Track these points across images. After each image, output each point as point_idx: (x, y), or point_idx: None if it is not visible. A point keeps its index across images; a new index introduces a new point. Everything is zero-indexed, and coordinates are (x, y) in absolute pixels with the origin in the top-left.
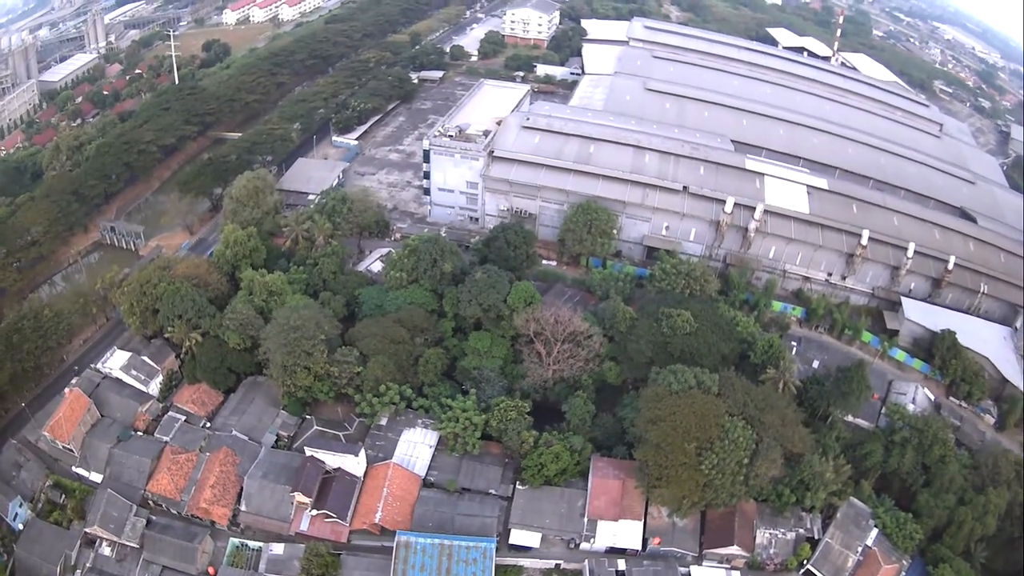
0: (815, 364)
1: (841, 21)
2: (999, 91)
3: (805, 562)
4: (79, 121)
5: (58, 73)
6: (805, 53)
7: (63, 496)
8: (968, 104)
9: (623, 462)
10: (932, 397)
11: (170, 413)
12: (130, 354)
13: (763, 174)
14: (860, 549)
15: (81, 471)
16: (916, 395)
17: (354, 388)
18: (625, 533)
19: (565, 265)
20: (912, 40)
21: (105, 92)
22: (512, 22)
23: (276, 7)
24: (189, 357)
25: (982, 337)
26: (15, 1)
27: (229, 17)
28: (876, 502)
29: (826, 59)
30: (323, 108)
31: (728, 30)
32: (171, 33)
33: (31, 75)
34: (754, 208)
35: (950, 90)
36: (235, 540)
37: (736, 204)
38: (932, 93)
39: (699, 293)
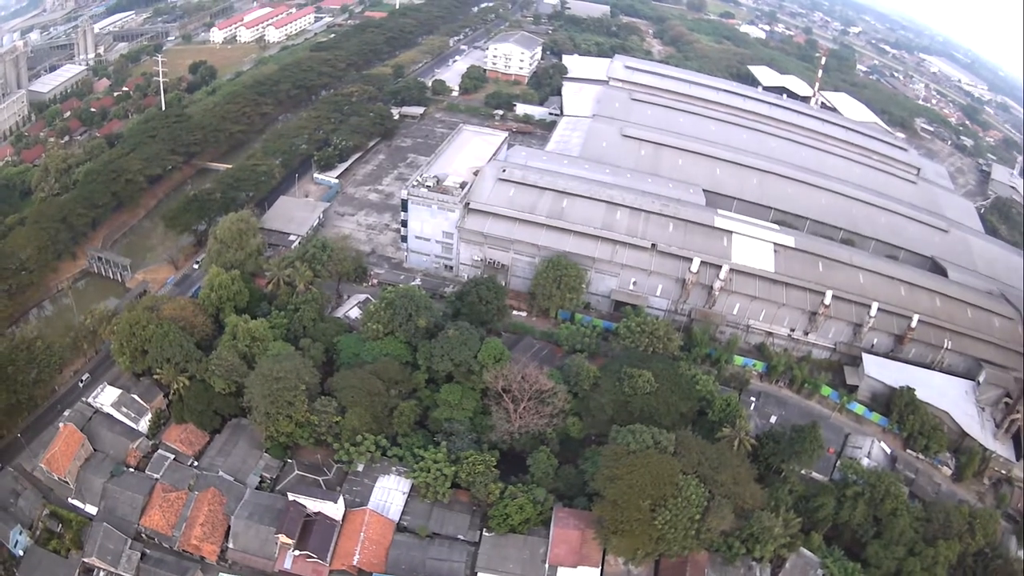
0: (773, 419)
1: (823, 62)
2: (983, 127)
3: None
4: (67, 139)
5: (47, 84)
6: (785, 95)
7: (60, 526)
8: (949, 142)
9: (583, 512)
10: (888, 450)
11: (159, 451)
12: (120, 391)
13: (731, 232)
14: None
15: (76, 503)
16: (872, 449)
17: (333, 436)
18: None
19: (535, 317)
20: (896, 75)
21: (93, 109)
22: (494, 57)
23: (263, 27)
24: (177, 398)
25: (943, 392)
26: (5, 0)
27: (216, 35)
28: (826, 552)
29: (806, 99)
30: (305, 144)
31: (710, 67)
32: (159, 58)
33: (21, 84)
34: (720, 267)
35: (931, 128)
36: (224, 575)
37: (702, 263)
38: (913, 132)
39: (662, 351)
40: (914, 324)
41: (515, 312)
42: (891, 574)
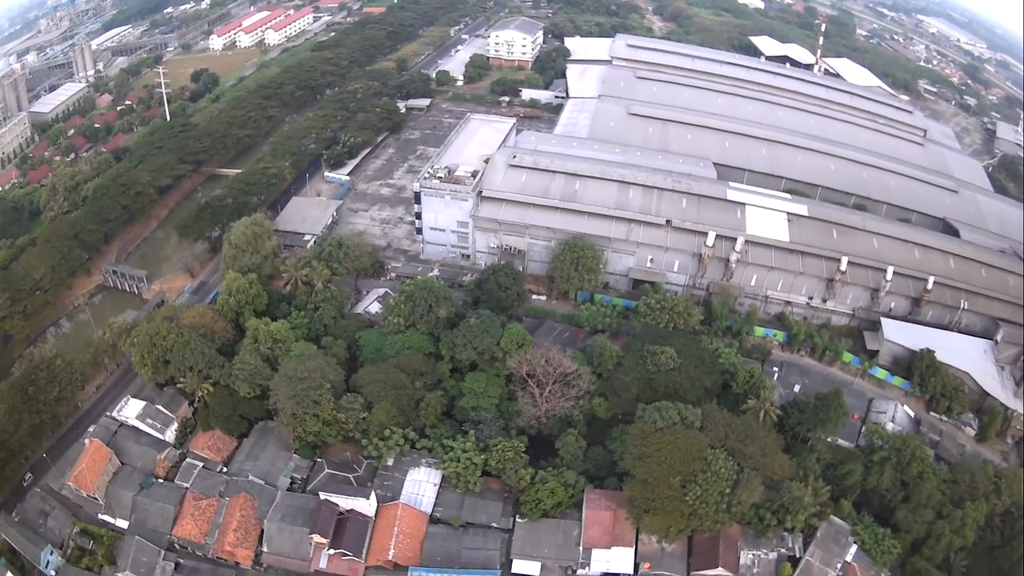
0: (796, 388)
1: (823, 28)
2: (985, 85)
3: None
4: (72, 156)
5: (48, 104)
6: (788, 64)
7: (91, 542)
8: (953, 102)
9: (614, 493)
10: (912, 413)
11: (188, 460)
12: (144, 403)
13: (744, 204)
14: (839, 565)
15: (107, 518)
16: (896, 413)
17: (361, 432)
18: (618, 559)
19: (555, 300)
20: (896, 38)
21: (97, 125)
22: (496, 44)
23: (262, 31)
24: (202, 405)
25: (962, 352)
26: (0, 22)
27: (216, 43)
28: (856, 519)
29: (809, 67)
30: (313, 144)
31: (711, 40)
32: (160, 70)
33: (21, 106)
34: (735, 239)
35: (935, 89)
36: None
37: (718, 236)
38: (917, 94)
39: (683, 326)
40: (930, 286)
41: (534, 296)
42: (921, 537)
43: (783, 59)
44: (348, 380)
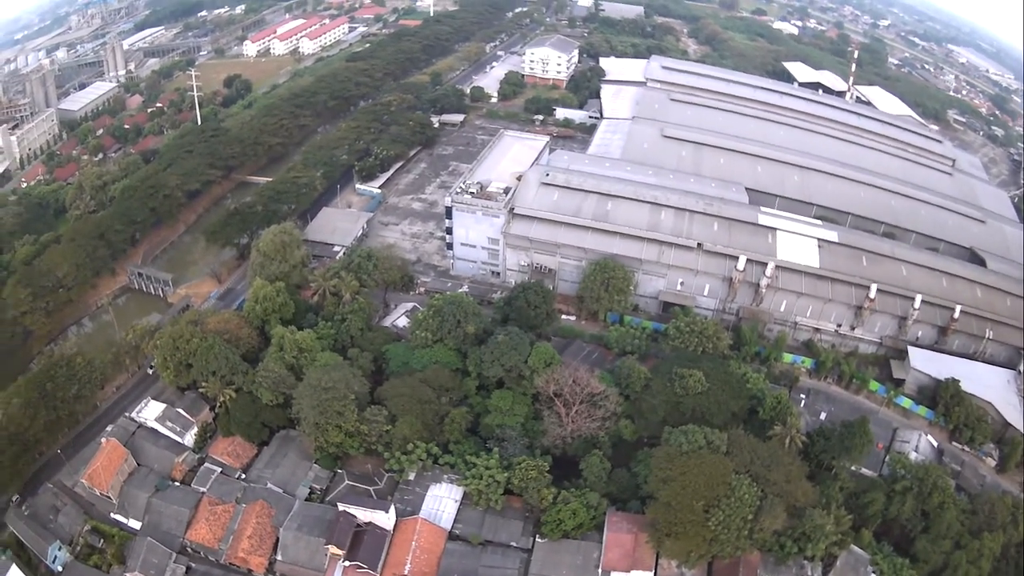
0: (822, 416)
1: (856, 56)
2: (1012, 116)
3: None
4: (100, 156)
5: (78, 101)
6: (820, 90)
7: (101, 541)
8: (981, 132)
9: (636, 516)
10: (935, 443)
11: (206, 464)
12: (164, 406)
13: (775, 229)
14: None
15: (119, 518)
16: (919, 443)
17: (383, 445)
18: None
19: (584, 320)
20: (927, 67)
21: (126, 126)
22: (531, 62)
23: (296, 40)
24: (223, 411)
25: (985, 383)
26: (30, 17)
27: (250, 49)
28: (876, 548)
29: (841, 94)
30: (346, 155)
31: (745, 65)
32: (192, 72)
33: (50, 103)
34: (766, 264)
35: (963, 119)
36: None
37: (748, 261)
38: (946, 123)
39: (711, 350)
40: (957, 315)
41: (564, 316)
42: (938, 568)
43: (816, 85)
44: (373, 392)
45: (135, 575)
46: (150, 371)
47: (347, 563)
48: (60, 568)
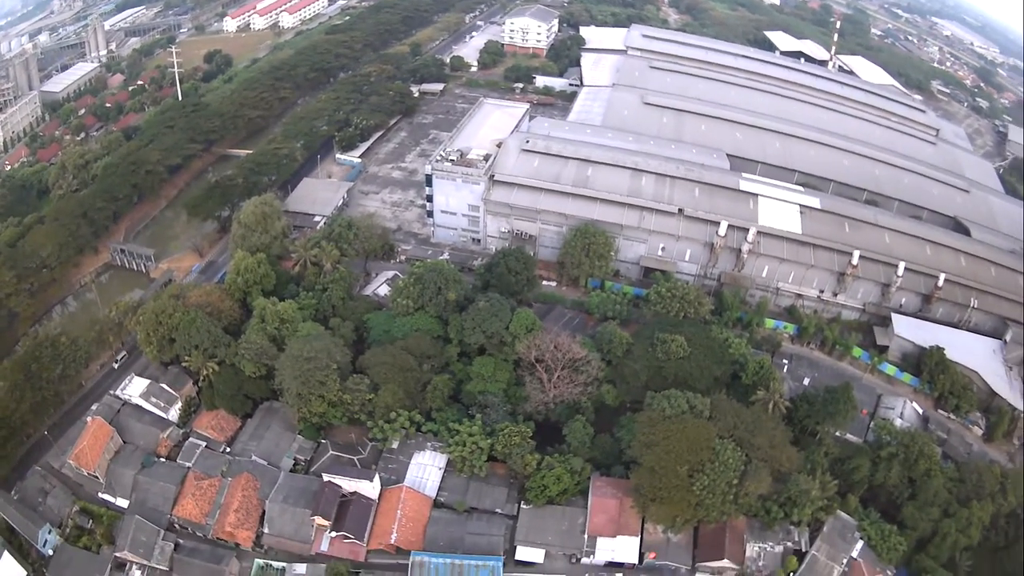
0: (805, 381)
1: (838, 26)
2: (997, 88)
3: (792, 574)
4: (83, 135)
5: (60, 83)
6: (802, 59)
7: (91, 521)
8: (966, 104)
9: (620, 481)
10: (920, 410)
11: (191, 439)
12: (149, 381)
13: (757, 195)
14: (845, 561)
15: (107, 497)
16: (904, 409)
17: (366, 414)
18: (623, 548)
19: (565, 286)
20: (910, 38)
21: (108, 105)
22: (511, 31)
23: (276, 14)
24: (206, 384)
25: (971, 351)
26: (13, 3)
27: (230, 24)
28: (862, 515)
29: (823, 63)
30: (326, 125)
31: (726, 34)
32: (173, 49)
33: (32, 86)
34: (747, 230)
35: (948, 90)
36: (260, 561)
37: (730, 226)
38: (930, 94)
39: (693, 315)
40: (940, 283)
41: (545, 282)
42: (927, 535)
43: (798, 55)
44: (355, 362)
45: (124, 554)
46: (115, 366)
47: (334, 534)
48: (51, 552)
